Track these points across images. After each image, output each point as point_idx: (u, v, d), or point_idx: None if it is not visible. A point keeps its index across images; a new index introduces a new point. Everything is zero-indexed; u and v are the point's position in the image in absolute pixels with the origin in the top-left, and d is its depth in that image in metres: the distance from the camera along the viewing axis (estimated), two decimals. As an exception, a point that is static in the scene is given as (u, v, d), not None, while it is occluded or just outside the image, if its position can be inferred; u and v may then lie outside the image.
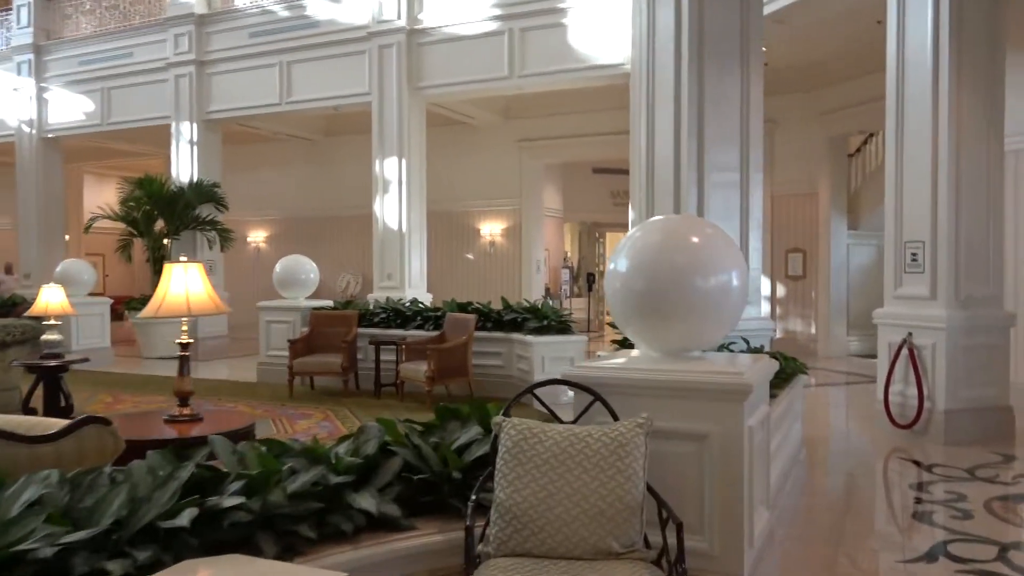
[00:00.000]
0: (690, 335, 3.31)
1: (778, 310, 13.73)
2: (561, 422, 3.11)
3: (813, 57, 12.30)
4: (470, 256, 15.63)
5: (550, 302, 11.76)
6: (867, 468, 6.07)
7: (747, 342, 5.32)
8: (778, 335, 13.68)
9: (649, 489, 2.88)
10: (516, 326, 8.89)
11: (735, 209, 5.71)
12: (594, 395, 3.11)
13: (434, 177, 13.94)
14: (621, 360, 3.36)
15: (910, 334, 6.81)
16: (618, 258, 3.38)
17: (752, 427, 3.07)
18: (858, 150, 13.40)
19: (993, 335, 6.77)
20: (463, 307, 9.47)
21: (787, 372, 4.99)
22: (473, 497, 2.82)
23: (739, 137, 5.76)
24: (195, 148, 13.86)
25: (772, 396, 4.38)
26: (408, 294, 11.67)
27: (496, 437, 2.94)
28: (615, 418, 3.05)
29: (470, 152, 15.35)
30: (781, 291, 13.69)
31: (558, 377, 3.25)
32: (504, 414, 3.03)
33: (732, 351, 5.40)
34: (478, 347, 8.86)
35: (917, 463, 5.95)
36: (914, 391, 6.69)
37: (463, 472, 3.25)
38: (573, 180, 18.42)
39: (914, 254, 6.86)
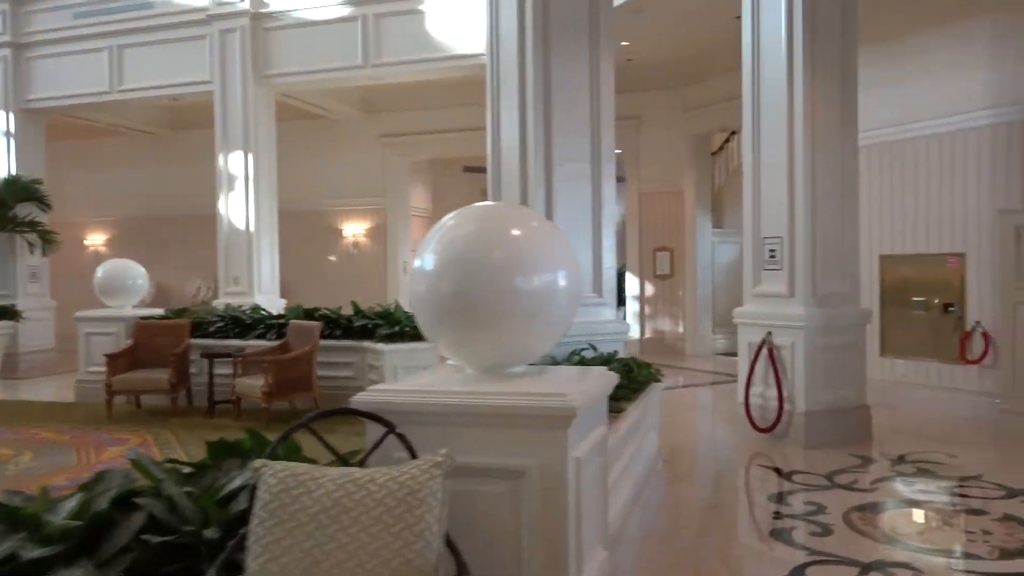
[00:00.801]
0: (510, 347, 2.75)
1: (647, 309, 13.61)
2: (346, 463, 2.48)
3: (676, 53, 12.21)
4: (332, 258, 14.72)
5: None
6: (727, 479, 5.74)
7: (594, 348, 4.87)
8: (647, 335, 13.58)
9: (448, 544, 2.29)
10: (367, 333, 8.18)
11: (586, 202, 5.26)
12: (387, 426, 2.49)
13: (289, 174, 13.00)
14: (425, 382, 2.76)
15: (769, 333, 6.58)
16: (424, 253, 2.78)
17: (581, 458, 2.54)
18: (721, 148, 13.45)
19: (850, 333, 6.63)
20: (310, 313, 8.67)
21: (639, 381, 4.55)
22: (212, 572, 2.14)
23: (589, 127, 5.31)
24: (11, 141, 12.32)
25: (618, 412, 3.91)
26: (258, 300, 10.73)
27: (255, 488, 2.28)
28: (413, 455, 2.45)
29: (329, 148, 14.47)
30: (650, 290, 13.56)
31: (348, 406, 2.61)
32: (271, 454, 2.37)
33: (584, 357, 4.94)
34: (326, 357, 8.10)
35: (778, 471, 5.67)
36: (774, 393, 6.46)
37: (225, 529, 2.55)
38: (443, 178, 17.77)
39: (772, 251, 6.64)
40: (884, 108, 8.14)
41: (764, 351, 6.59)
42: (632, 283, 13.73)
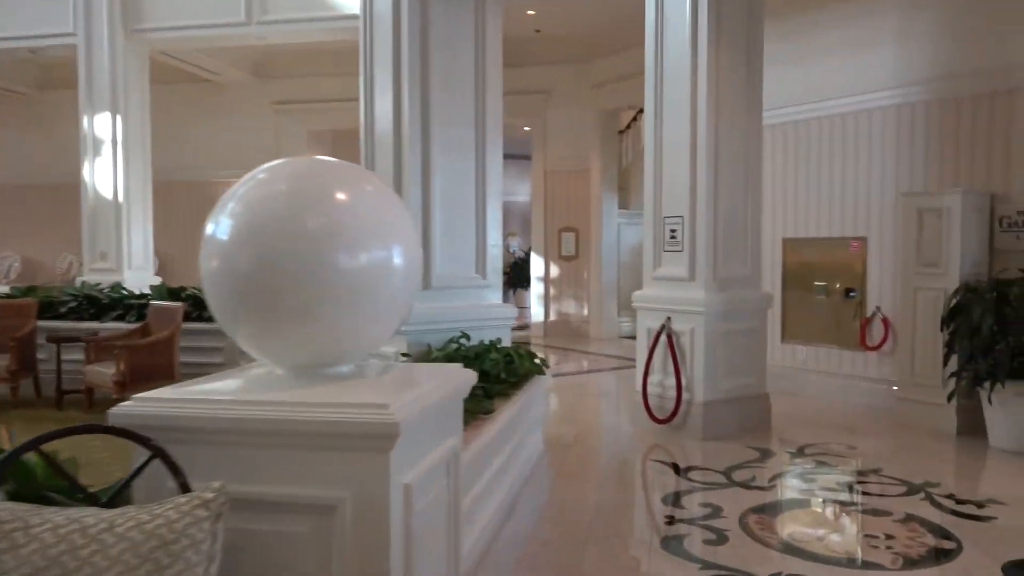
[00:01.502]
0: (329, 342, 2.16)
1: (552, 291, 13.20)
2: (94, 500, 1.85)
3: (585, 25, 11.74)
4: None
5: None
6: (620, 476, 5.32)
7: (467, 336, 4.33)
8: (552, 318, 13.18)
9: (220, 611, 1.70)
10: (237, 315, 7.42)
11: (469, 172, 4.71)
12: (151, 449, 1.88)
13: (171, 141, 11.98)
14: (212, 387, 2.14)
15: (669, 319, 6.20)
16: (219, 217, 2.16)
17: (413, 485, 1.99)
18: (629, 126, 13.11)
19: (751, 319, 6.31)
20: (175, 293, 7.84)
21: (519, 373, 4.04)
22: None
23: (473, 88, 4.74)
24: None
25: (488, 412, 3.38)
26: (128, 278, 9.76)
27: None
28: (185, 487, 1.84)
29: (217, 114, 13.43)
30: (555, 271, 13.15)
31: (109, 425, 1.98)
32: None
33: (463, 345, 4.40)
34: (192, 342, 7.31)
35: (675, 466, 5.29)
36: (673, 381, 6.09)
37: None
38: (344, 151, 16.85)
39: (673, 231, 6.25)
40: (789, 86, 7.87)
41: (663, 337, 6.21)
42: (537, 264, 13.30)
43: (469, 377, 2.51)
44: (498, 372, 3.81)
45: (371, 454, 1.88)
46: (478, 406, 3.29)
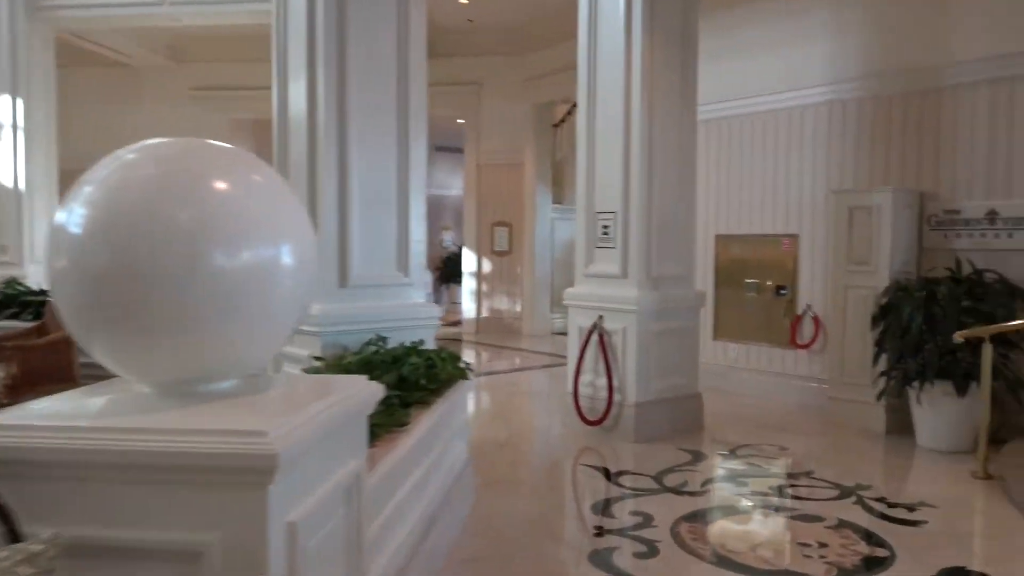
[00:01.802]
0: (204, 354, 1.85)
1: (484, 287, 12.95)
2: None
3: (518, 16, 11.52)
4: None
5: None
6: (549, 483, 5.10)
7: (384, 340, 4.05)
8: (484, 314, 12.93)
9: None
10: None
11: (390, 163, 4.40)
12: (-28, 487, 1.55)
13: (82, 127, 11.24)
14: (62, 407, 1.81)
15: (600, 317, 6.02)
16: (71, 205, 1.83)
17: (299, 523, 1.71)
18: (563, 120, 12.92)
19: (684, 318, 6.18)
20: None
21: (441, 379, 3.77)
22: None
23: (395, 74, 4.43)
24: None
25: (402, 425, 3.11)
26: (32, 273, 9.11)
27: None
28: (15, 534, 1.52)
29: (132, 100, 12.73)
30: (487, 267, 12.90)
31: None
32: None
33: (381, 348, 4.11)
34: (96, 341, 6.79)
35: (606, 471, 5.11)
36: (604, 382, 5.91)
37: None
38: (269, 141, 16.27)
39: (605, 227, 6.06)
40: (723, 81, 7.78)
41: (595, 336, 6.02)
42: (469, 259, 13.02)
43: (373, 391, 2.23)
44: (417, 378, 3.53)
45: (245, 490, 1.59)
46: (392, 418, 3.01)
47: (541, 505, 4.48)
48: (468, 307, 13.12)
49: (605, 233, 6.08)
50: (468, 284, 13.09)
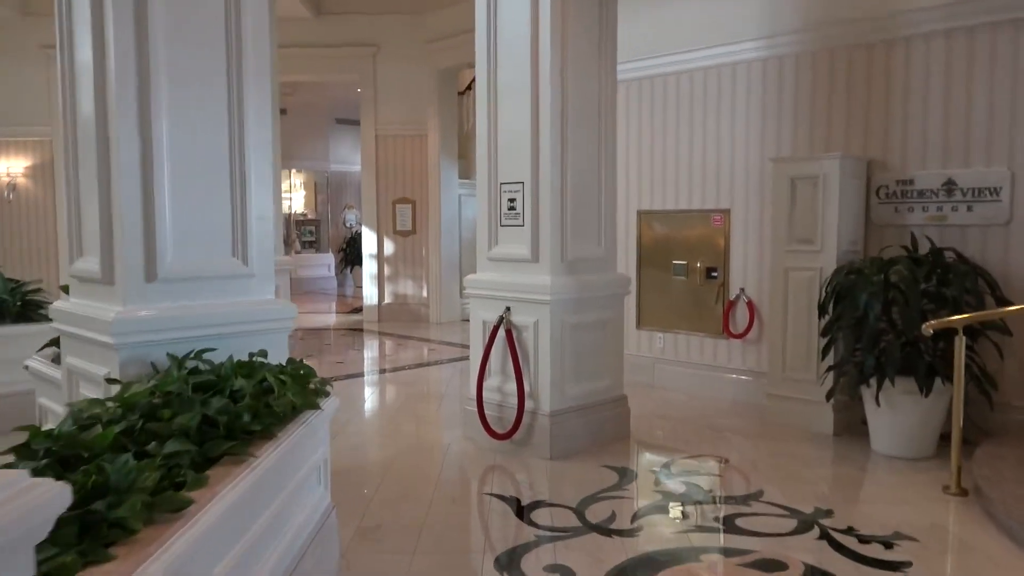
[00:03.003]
0: None
1: (387, 270, 11.79)
2: None
3: (416, -31, 10.34)
4: (-22, 206, 11.30)
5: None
6: (443, 528, 4.00)
7: (204, 353, 2.94)
8: (387, 300, 11.80)
9: None
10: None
11: (217, 116, 3.26)
12: None
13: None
14: None
15: (508, 310, 5.03)
16: None
17: None
18: (469, 87, 11.83)
19: (607, 308, 5.25)
20: None
21: (278, 415, 2.68)
22: None
23: (223, 17, 3.27)
24: None
25: (178, 509, 2.01)
26: None
27: None
28: None
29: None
30: (389, 248, 11.74)
31: None
32: None
33: (201, 367, 2.98)
34: None
35: (517, 503, 4.13)
36: (514, 386, 4.93)
37: None
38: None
39: (511, 200, 5.06)
40: (645, 35, 6.86)
41: (501, 332, 5.03)
42: (369, 240, 11.83)
43: (42, 505, 1.15)
44: (234, 418, 2.44)
45: None
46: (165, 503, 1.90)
47: (428, 562, 3.45)
48: (369, 292, 11.94)
49: (512, 208, 5.07)
50: (369, 267, 11.91)
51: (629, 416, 5.42)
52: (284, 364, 3.20)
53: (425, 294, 11.66)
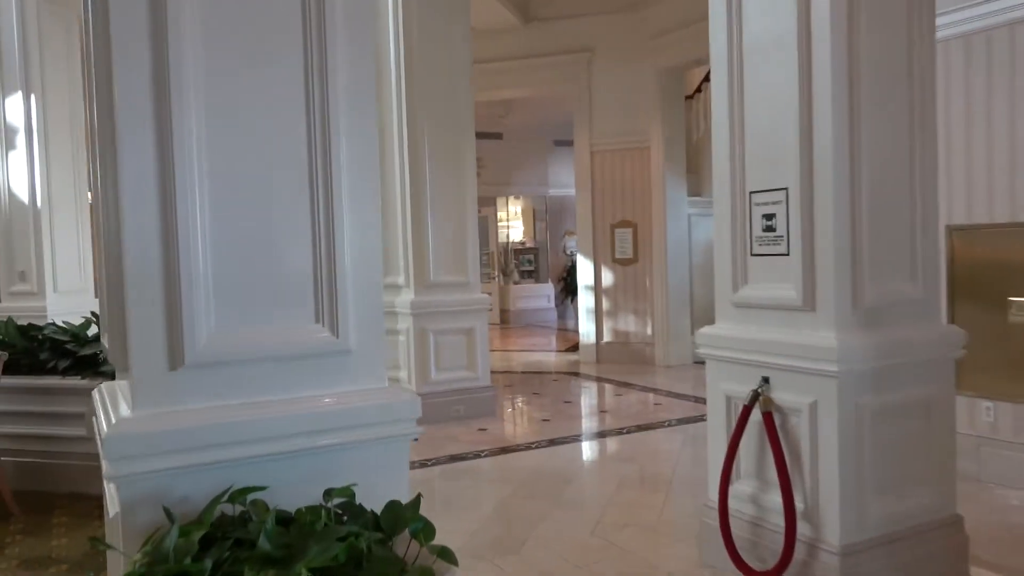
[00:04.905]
0: None
1: (605, 304, 10.35)
2: None
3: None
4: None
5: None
6: None
7: (251, 493, 1.31)
8: (606, 339, 10.35)
9: None
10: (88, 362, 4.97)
11: (290, 126, 2.01)
12: None
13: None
14: None
15: (766, 382, 3.35)
16: None
17: None
18: (699, 89, 10.14)
19: (929, 381, 3.36)
20: (26, 331, 5.40)
21: None
22: None
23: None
24: None
25: None
26: (52, 304, 7.62)
27: None
28: None
29: None
30: (608, 279, 10.29)
31: None
32: None
33: (246, 515, 1.69)
34: (44, 405, 4.92)
35: None
36: (779, 500, 3.24)
37: None
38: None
39: (768, 217, 3.39)
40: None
41: (756, 415, 3.36)
42: (585, 270, 10.47)
43: None
44: None
45: None
46: None
47: None
48: (586, 329, 10.56)
49: (769, 229, 3.40)
50: (584, 301, 10.54)
51: (968, 547, 3.48)
52: (396, 508, 1.82)
53: (649, 332, 10.06)
